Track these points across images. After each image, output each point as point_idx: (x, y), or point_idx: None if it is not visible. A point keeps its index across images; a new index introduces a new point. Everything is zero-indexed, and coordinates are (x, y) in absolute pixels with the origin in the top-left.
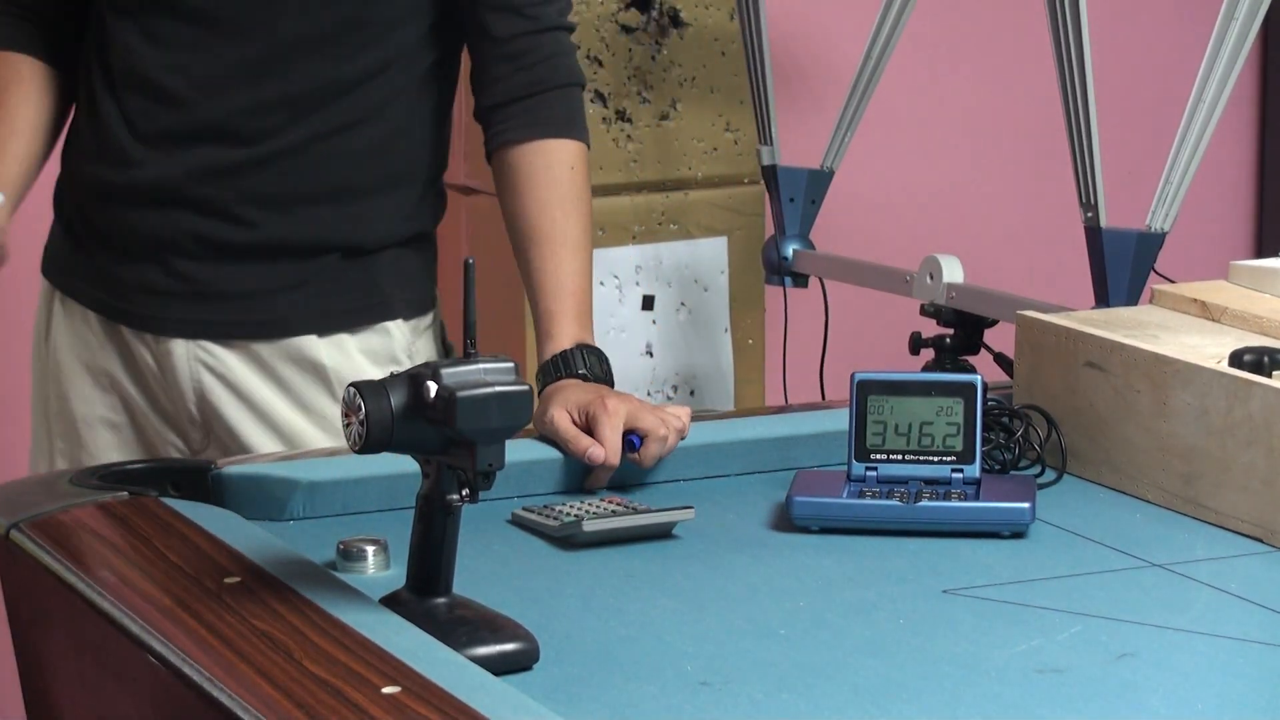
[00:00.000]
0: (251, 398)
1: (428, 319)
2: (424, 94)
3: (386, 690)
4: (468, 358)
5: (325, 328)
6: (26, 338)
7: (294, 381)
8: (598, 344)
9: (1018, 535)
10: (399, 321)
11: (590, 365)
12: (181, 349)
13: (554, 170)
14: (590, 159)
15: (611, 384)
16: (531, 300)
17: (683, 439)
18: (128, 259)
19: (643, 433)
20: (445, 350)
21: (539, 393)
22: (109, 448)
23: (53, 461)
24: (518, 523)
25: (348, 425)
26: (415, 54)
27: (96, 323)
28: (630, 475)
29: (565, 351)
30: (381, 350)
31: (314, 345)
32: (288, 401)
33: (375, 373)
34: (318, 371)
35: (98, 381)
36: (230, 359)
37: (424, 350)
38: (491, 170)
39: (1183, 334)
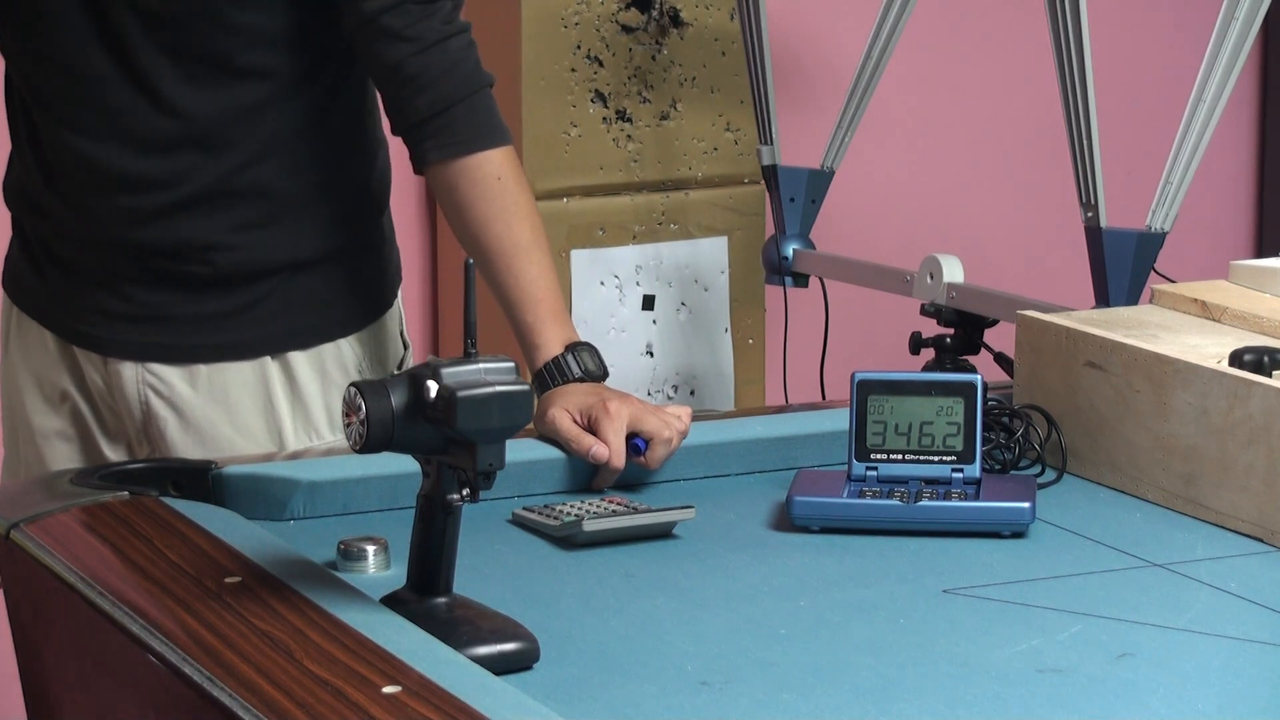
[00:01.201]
0: (196, 421)
1: (380, 321)
2: (327, 117)
3: (387, 690)
4: (468, 358)
5: (275, 348)
6: None
7: (240, 405)
8: (591, 341)
9: (1018, 535)
10: (350, 338)
11: (584, 364)
12: (130, 371)
13: (480, 185)
14: (590, 159)
15: (606, 374)
16: (506, 315)
17: (684, 439)
18: (81, 283)
19: (647, 436)
20: (404, 343)
21: (537, 398)
22: (64, 460)
23: (17, 471)
24: (518, 522)
25: (348, 425)
26: (300, 85)
27: (50, 340)
28: (631, 474)
29: (556, 358)
30: (334, 365)
31: (264, 367)
32: (231, 425)
33: (321, 391)
34: (265, 394)
35: (49, 397)
36: (178, 382)
37: (377, 356)
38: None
39: (1183, 334)
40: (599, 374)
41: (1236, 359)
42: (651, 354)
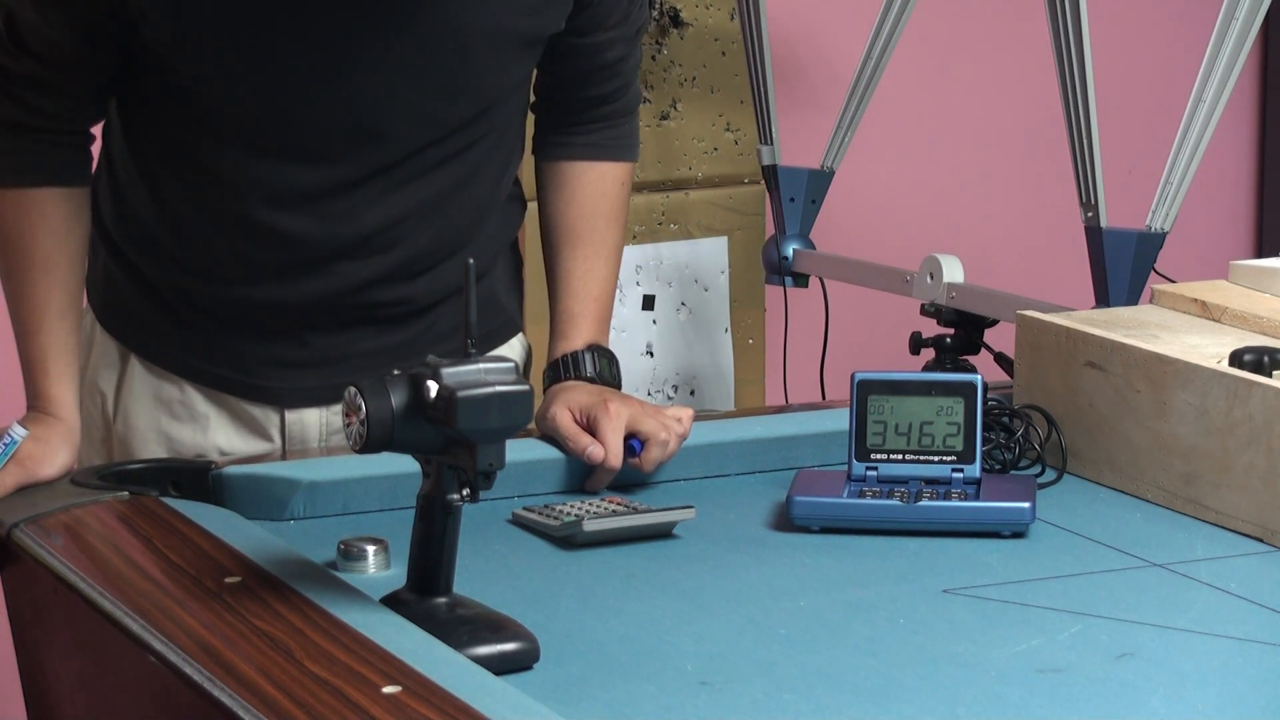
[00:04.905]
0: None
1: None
2: (518, 127)
3: (387, 690)
4: (468, 358)
5: None
6: None
7: None
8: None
9: (1018, 535)
10: (519, 335)
11: (600, 368)
12: (314, 417)
13: (604, 184)
14: None
15: (619, 386)
16: (553, 297)
17: (683, 442)
18: (256, 338)
19: (644, 437)
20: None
21: (544, 390)
22: None
23: None
24: (518, 522)
25: (348, 425)
26: (505, 133)
27: (191, 392)
28: (631, 475)
29: (576, 352)
30: None
31: None
32: None
33: None
34: None
35: (174, 451)
36: None
37: (533, 354)
38: (536, 164)
39: (1183, 334)
40: (611, 381)
41: (1236, 359)
42: (651, 354)
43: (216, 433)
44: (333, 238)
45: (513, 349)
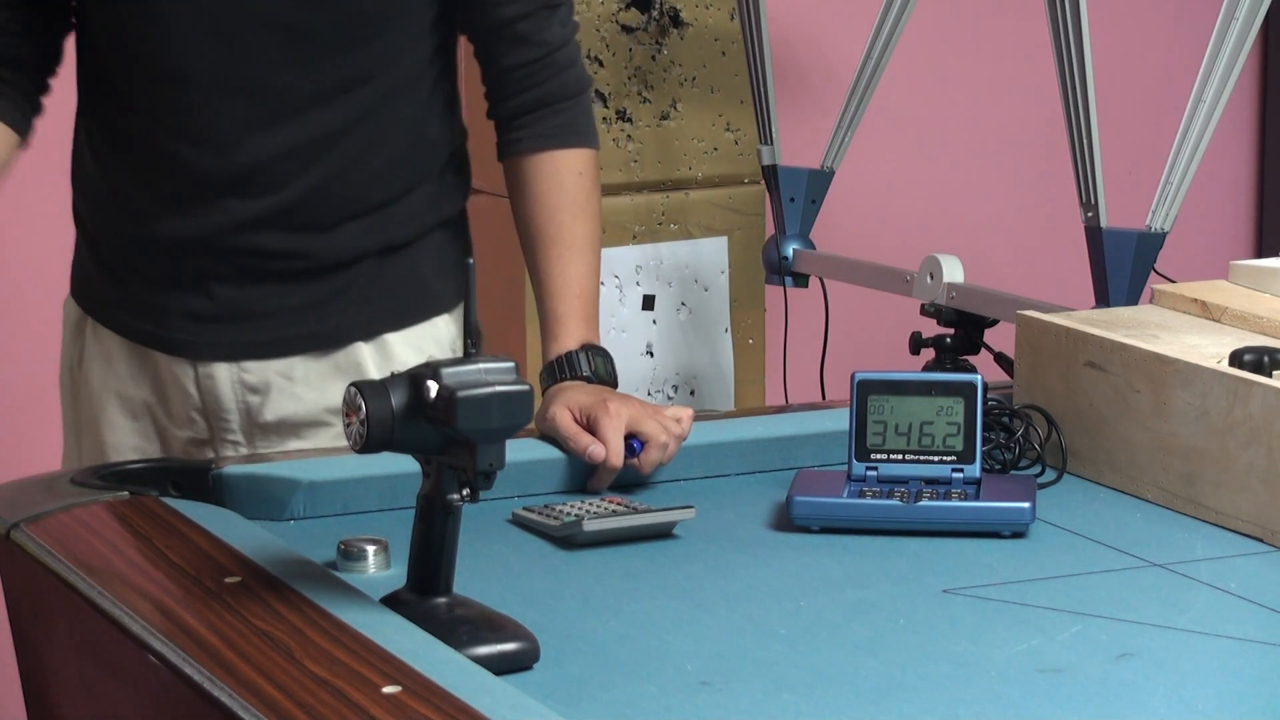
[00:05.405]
0: (294, 413)
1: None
2: (430, 109)
3: (387, 690)
4: (468, 357)
5: (370, 332)
6: (34, 340)
7: (336, 392)
8: (602, 344)
9: (1018, 535)
10: (445, 316)
11: (595, 367)
12: (224, 372)
13: (561, 177)
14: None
15: (616, 384)
16: (538, 302)
17: (682, 443)
18: (167, 288)
19: (644, 438)
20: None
21: (542, 394)
22: None
23: None
24: (518, 522)
25: (348, 425)
26: (412, 84)
27: (129, 350)
28: (631, 475)
29: (570, 353)
30: (431, 344)
31: (359, 352)
32: (330, 413)
33: None
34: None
35: (127, 409)
36: (274, 376)
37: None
38: (503, 172)
39: (1183, 334)
40: (608, 380)
41: (1236, 359)
42: (651, 354)
43: (151, 391)
44: (217, 167)
45: (435, 328)
